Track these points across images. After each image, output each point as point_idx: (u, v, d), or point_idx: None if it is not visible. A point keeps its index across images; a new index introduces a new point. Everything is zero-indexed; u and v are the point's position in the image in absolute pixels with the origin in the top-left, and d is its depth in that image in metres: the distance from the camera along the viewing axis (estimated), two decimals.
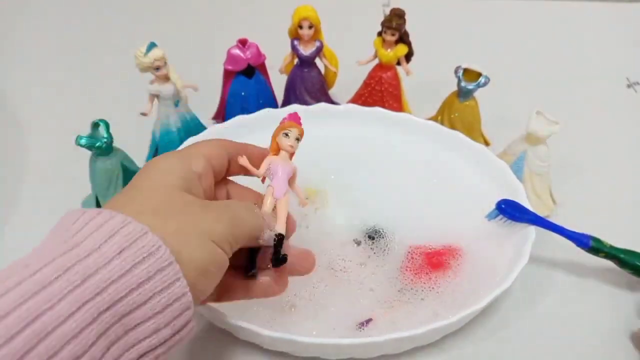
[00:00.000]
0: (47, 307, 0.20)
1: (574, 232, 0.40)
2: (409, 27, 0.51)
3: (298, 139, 0.33)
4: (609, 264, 0.45)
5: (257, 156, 0.33)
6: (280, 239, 0.31)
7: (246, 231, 0.29)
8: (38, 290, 0.20)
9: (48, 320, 0.20)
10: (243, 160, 0.32)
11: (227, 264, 0.27)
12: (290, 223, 0.32)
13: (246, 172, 0.33)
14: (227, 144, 0.33)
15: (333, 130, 0.49)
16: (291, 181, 0.33)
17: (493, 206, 0.43)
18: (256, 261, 0.31)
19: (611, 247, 0.40)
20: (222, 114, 0.56)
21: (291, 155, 0.33)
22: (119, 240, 0.23)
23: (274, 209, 0.32)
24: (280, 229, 0.31)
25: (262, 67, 0.55)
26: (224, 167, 0.32)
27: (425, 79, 0.58)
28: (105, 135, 0.43)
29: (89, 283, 0.21)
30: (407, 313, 0.37)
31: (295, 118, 0.33)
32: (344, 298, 0.38)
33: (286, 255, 0.31)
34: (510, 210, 0.40)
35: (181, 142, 0.46)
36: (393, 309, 0.37)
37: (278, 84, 0.57)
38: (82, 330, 0.21)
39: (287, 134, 0.32)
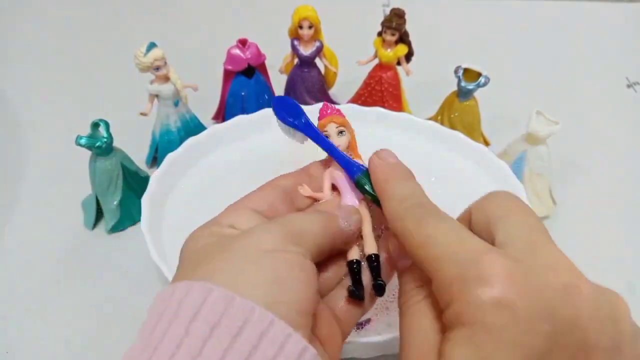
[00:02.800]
0: None
1: (347, 159, 0.28)
2: (409, 27, 0.51)
3: (342, 132, 0.29)
4: (609, 265, 0.45)
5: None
6: (372, 260, 0.26)
7: (309, 226, 0.24)
8: None
9: None
10: (304, 190, 0.28)
11: (309, 266, 0.23)
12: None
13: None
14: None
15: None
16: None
17: None
18: (361, 278, 0.26)
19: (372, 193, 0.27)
20: (222, 114, 0.56)
21: (349, 151, 0.29)
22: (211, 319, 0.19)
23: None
24: (371, 248, 0.27)
25: (262, 67, 0.55)
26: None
27: (425, 79, 0.59)
28: (105, 135, 0.43)
29: None
30: None
31: (326, 112, 0.30)
32: None
33: (384, 283, 0.26)
34: (283, 111, 0.30)
35: (181, 141, 0.45)
36: (389, 310, 0.37)
37: (278, 84, 0.57)
38: None
39: (326, 136, 0.29)
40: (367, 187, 0.27)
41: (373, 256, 0.27)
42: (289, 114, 0.30)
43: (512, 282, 0.19)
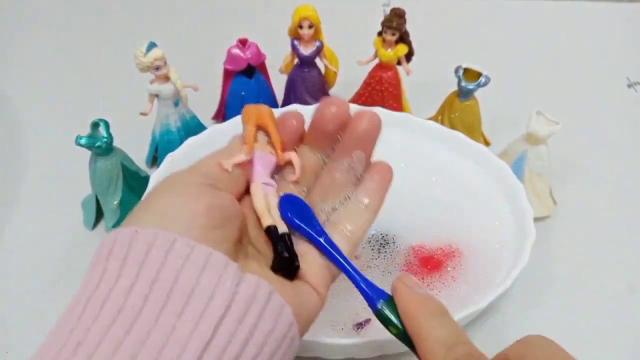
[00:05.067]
0: None
1: (367, 283, 0.25)
2: (409, 27, 0.51)
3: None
4: (609, 265, 0.45)
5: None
6: (269, 231, 0.25)
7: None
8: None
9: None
10: (226, 163, 0.26)
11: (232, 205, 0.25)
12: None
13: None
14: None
15: None
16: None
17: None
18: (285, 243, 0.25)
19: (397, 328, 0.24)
20: (222, 114, 0.56)
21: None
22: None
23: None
24: (267, 220, 0.25)
25: (262, 67, 0.55)
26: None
27: (426, 79, 0.58)
28: (105, 135, 0.43)
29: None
30: None
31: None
32: (344, 298, 0.38)
33: (294, 258, 0.25)
34: (290, 210, 0.27)
35: (181, 141, 0.46)
36: None
37: (278, 83, 0.57)
38: None
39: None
40: (392, 319, 0.24)
41: (272, 228, 0.25)
42: (299, 216, 0.27)
43: None
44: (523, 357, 0.21)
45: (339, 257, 0.26)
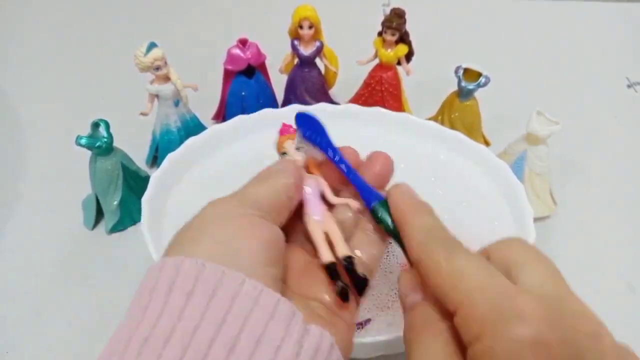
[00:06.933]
0: None
1: (365, 185, 0.28)
2: (409, 27, 0.51)
3: (299, 148, 0.30)
4: (609, 265, 0.45)
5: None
6: (343, 263, 0.25)
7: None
8: None
9: None
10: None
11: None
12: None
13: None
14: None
15: (333, 130, 0.49)
16: (326, 194, 0.29)
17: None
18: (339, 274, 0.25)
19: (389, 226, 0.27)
20: (222, 114, 0.56)
21: (308, 167, 0.29)
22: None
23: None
24: (343, 250, 0.26)
25: (262, 67, 0.55)
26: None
27: (426, 79, 0.58)
28: (105, 135, 0.43)
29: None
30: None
31: (284, 131, 0.31)
32: None
33: (366, 278, 0.25)
34: (307, 128, 0.29)
35: (181, 141, 0.45)
36: (390, 309, 0.37)
37: (278, 83, 0.57)
38: None
39: (284, 153, 0.30)
40: (383, 216, 0.27)
41: (331, 265, 0.26)
42: (313, 130, 0.29)
43: (549, 322, 0.19)
44: (501, 253, 0.24)
45: (344, 162, 0.29)
